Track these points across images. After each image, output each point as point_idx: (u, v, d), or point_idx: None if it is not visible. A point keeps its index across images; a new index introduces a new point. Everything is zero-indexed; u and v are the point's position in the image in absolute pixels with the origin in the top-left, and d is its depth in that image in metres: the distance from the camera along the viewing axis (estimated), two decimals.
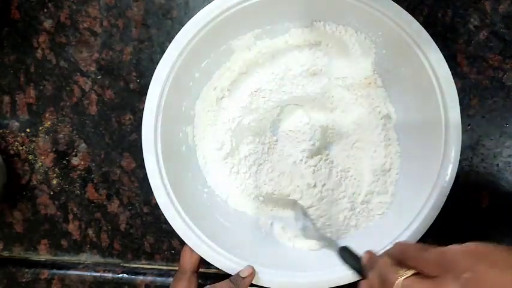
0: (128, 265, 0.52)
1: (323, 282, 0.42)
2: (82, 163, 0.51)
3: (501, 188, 0.49)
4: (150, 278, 0.52)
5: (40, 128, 0.52)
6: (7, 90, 0.51)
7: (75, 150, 0.51)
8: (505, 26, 0.48)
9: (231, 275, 0.42)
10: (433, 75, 0.41)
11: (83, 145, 0.51)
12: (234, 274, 0.42)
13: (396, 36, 0.42)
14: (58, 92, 0.51)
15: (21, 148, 0.52)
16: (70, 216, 0.52)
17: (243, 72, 0.47)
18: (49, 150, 0.52)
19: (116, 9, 0.50)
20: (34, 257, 0.53)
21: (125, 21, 0.50)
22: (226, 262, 0.43)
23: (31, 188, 0.52)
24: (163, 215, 0.42)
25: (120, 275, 0.52)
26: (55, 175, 0.52)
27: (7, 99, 0.52)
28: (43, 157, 0.52)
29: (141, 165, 0.48)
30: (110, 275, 0.52)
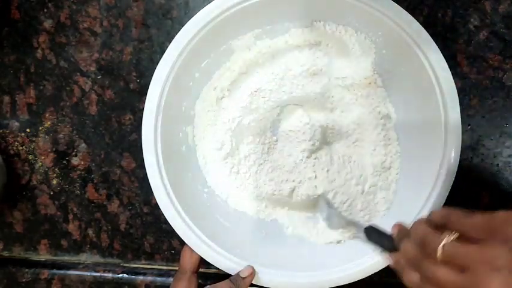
0: (128, 265, 0.52)
1: (323, 282, 0.42)
2: (82, 163, 0.51)
3: (501, 188, 0.49)
4: (150, 278, 0.52)
5: (40, 128, 0.52)
6: (7, 90, 0.51)
7: (75, 150, 0.51)
8: (505, 26, 0.48)
9: (231, 275, 0.42)
10: (433, 75, 0.41)
11: (83, 145, 0.51)
12: (234, 274, 0.42)
13: (396, 36, 0.42)
14: (58, 92, 0.51)
15: (21, 148, 0.52)
16: (70, 216, 0.52)
17: (243, 72, 0.47)
18: (49, 150, 0.52)
19: (116, 9, 0.50)
20: (34, 257, 0.53)
21: (125, 21, 0.50)
22: (226, 262, 0.43)
23: (31, 188, 0.52)
24: (163, 215, 0.42)
25: (120, 275, 0.52)
26: (55, 175, 0.52)
27: (7, 99, 0.52)
28: (43, 157, 0.52)
29: (141, 165, 0.48)
30: (110, 275, 0.52)
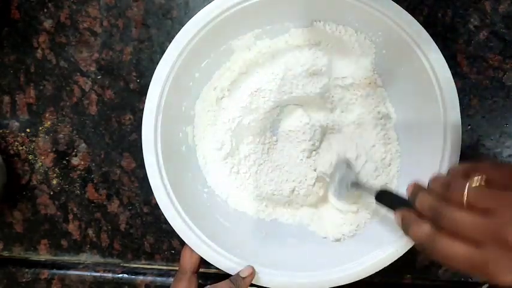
0: (128, 265, 0.52)
1: (323, 282, 0.42)
2: (82, 163, 0.51)
3: None
4: (150, 278, 0.52)
5: (40, 128, 0.52)
6: (7, 90, 0.51)
7: (75, 150, 0.51)
8: (505, 26, 0.48)
9: (231, 275, 0.42)
10: (433, 75, 0.41)
11: (83, 145, 0.51)
12: (234, 274, 0.42)
13: (396, 36, 0.42)
14: (58, 92, 0.51)
15: (21, 148, 0.52)
16: (70, 216, 0.52)
17: (243, 72, 0.47)
18: (49, 150, 0.52)
19: (116, 9, 0.50)
20: (34, 257, 0.53)
21: (125, 21, 0.50)
22: (226, 262, 0.43)
23: (31, 188, 0.52)
24: (163, 215, 0.42)
25: (120, 275, 0.52)
26: (55, 175, 0.52)
27: (7, 99, 0.52)
28: (43, 157, 0.52)
29: (141, 165, 0.48)
30: (110, 275, 0.52)
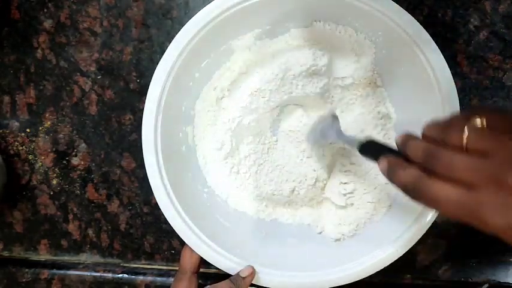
0: (128, 265, 0.52)
1: (323, 282, 0.42)
2: (82, 163, 0.51)
3: None
4: (150, 278, 0.52)
5: (40, 128, 0.52)
6: (7, 90, 0.51)
7: (75, 150, 0.51)
8: (505, 26, 0.48)
9: (231, 275, 0.42)
10: (433, 75, 0.41)
11: (83, 145, 0.51)
12: (234, 274, 0.42)
13: (396, 36, 0.42)
14: (58, 92, 0.51)
15: (21, 148, 0.52)
16: (70, 216, 0.52)
17: (243, 72, 0.47)
18: (49, 150, 0.52)
19: (116, 9, 0.50)
20: (34, 257, 0.53)
21: (125, 21, 0.50)
22: (226, 262, 0.43)
23: (31, 188, 0.52)
24: (163, 215, 0.42)
25: (120, 275, 0.52)
26: (55, 175, 0.52)
27: (7, 99, 0.52)
28: (43, 157, 0.52)
29: (141, 165, 0.48)
30: (110, 275, 0.52)
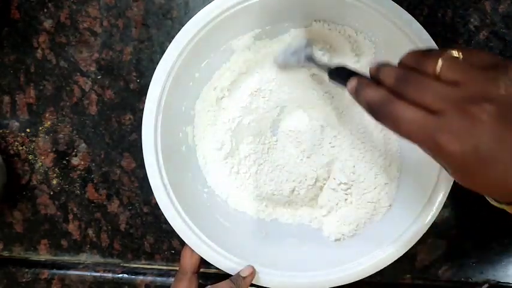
0: (128, 265, 0.52)
1: (323, 282, 0.42)
2: (82, 163, 0.51)
3: None
4: (150, 278, 0.52)
5: (40, 128, 0.52)
6: (7, 90, 0.51)
7: (75, 150, 0.51)
8: (505, 26, 0.48)
9: (231, 275, 0.42)
10: None
11: (83, 145, 0.51)
12: (235, 274, 0.42)
13: (396, 36, 0.42)
14: (58, 92, 0.51)
15: (21, 148, 0.52)
16: (70, 216, 0.52)
17: (243, 72, 0.47)
18: (49, 150, 0.52)
19: (116, 9, 0.50)
20: (34, 257, 0.53)
21: (125, 21, 0.50)
22: (226, 262, 0.43)
23: (31, 188, 0.52)
24: (163, 215, 0.42)
25: (120, 275, 0.52)
26: (55, 175, 0.52)
27: (7, 99, 0.52)
28: (43, 157, 0.52)
29: (141, 165, 0.48)
30: (110, 275, 0.52)
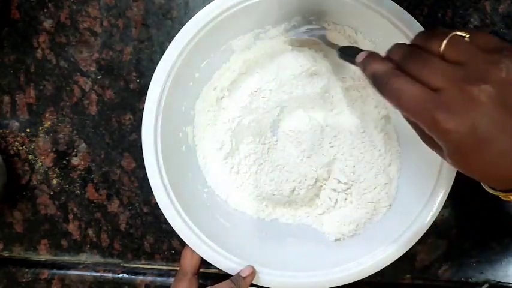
0: (128, 265, 0.52)
1: (323, 282, 0.42)
2: (82, 163, 0.51)
3: None
4: (150, 278, 0.52)
5: (40, 128, 0.52)
6: (7, 90, 0.51)
7: (75, 150, 0.51)
8: (505, 26, 0.48)
9: (231, 275, 0.42)
10: None
11: (83, 145, 0.51)
12: (235, 274, 0.42)
13: (396, 36, 0.42)
14: (58, 92, 0.51)
15: (21, 148, 0.52)
16: (70, 216, 0.52)
17: (243, 72, 0.47)
18: (49, 150, 0.52)
19: (116, 9, 0.50)
20: (34, 257, 0.53)
21: (125, 21, 0.50)
22: (226, 262, 0.43)
23: (31, 188, 0.52)
24: (163, 215, 0.42)
25: (120, 275, 0.52)
26: (55, 175, 0.52)
27: (7, 99, 0.52)
28: (43, 157, 0.52)
29: (141, 165, 0.48)
30: (110, 275, 0.52)
